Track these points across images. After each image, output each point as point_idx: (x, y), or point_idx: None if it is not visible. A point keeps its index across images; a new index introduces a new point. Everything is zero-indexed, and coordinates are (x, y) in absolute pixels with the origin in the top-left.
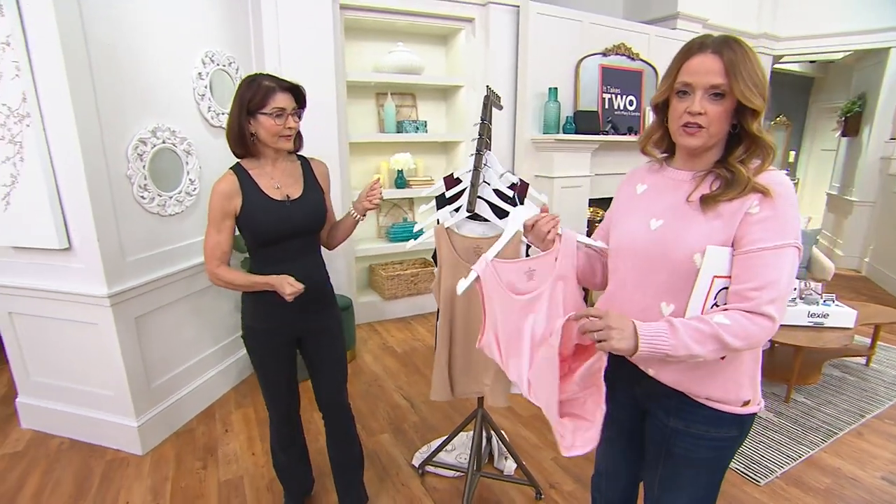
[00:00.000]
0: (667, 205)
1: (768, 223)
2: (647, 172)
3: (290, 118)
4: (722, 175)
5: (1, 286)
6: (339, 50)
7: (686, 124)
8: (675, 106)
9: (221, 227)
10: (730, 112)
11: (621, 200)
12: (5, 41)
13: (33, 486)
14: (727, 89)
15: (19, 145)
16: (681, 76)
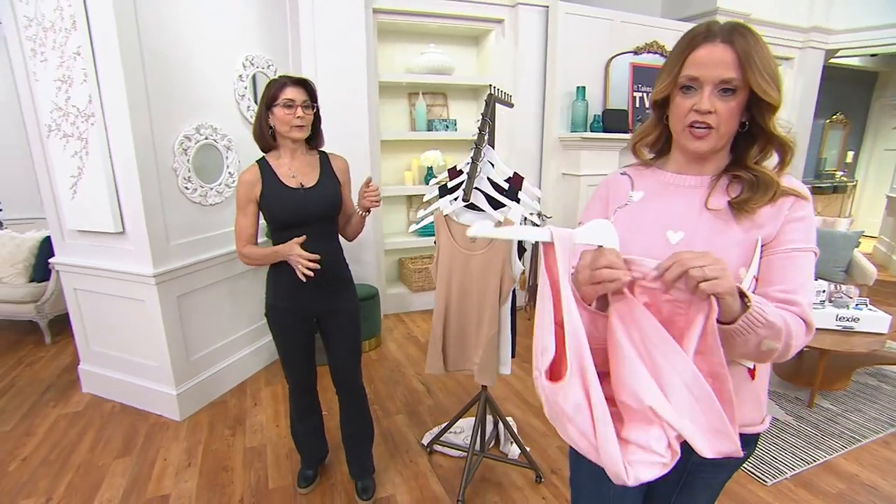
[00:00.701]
0: (680, 214)
1: (801, 224)
2: (637, 177)
3: (300, 109)
4: (745, 179)
5: (68, 265)
6: (371, 52)
7: (693, 125)
8: (678, 103)
9: (246, 212)
10: (741, 109)
11: (612, 213)
12: (76, 51)
13: (89, 441)
14: (740, 83)
15: (85, 141)
16: (686, 69)
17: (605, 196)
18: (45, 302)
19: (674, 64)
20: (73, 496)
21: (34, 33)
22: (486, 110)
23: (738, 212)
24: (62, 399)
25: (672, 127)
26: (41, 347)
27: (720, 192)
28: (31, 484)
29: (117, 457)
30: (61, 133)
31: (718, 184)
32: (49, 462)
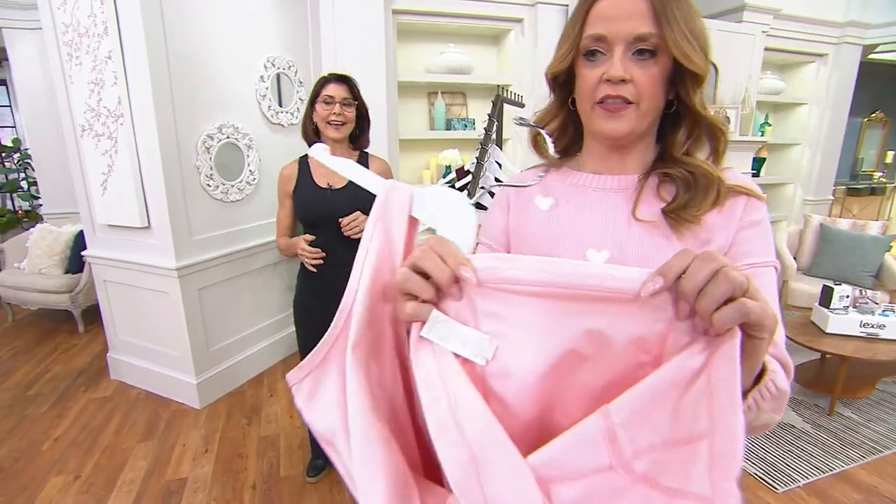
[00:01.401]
0: (602, 227)
1: (757, 230)
2: (546, 180)
3: (339, 106)
4: (677, 176)
5: (99, 257)
6: (391, 52)
7: (604, 100)
8: (584, 75)
9: (284, 205)
10: (665, 79)
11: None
12: (108, 55)
13: (115, 424)
14: (659, 42)
15: (115, 140)
16: (588, 27)
17: (505, 203)
18: (79, 292)
19: (573, 24)
20: (99, 475)
21: (70, 39)
22: (493, 111)
23: (677, 221)
24: (92, 385)
25: (580, 109)
26: (74, 336)
27: (650, 197)
28: (61, 462)
29: (140, 440)
30: (93, 133)
31: (646, 185)
32: (78, 443)
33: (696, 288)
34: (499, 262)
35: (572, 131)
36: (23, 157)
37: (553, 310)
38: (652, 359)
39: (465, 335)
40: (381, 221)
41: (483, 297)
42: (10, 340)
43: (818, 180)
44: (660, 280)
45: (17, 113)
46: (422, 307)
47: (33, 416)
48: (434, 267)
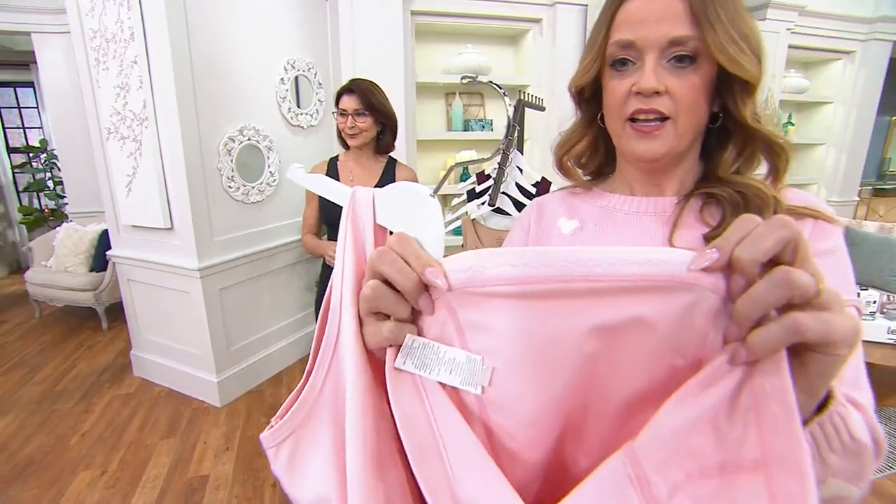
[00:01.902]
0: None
1: (830, 261)
2: (572, 201)
3: (351, 118)
4: (724, 198)
5: (124, 257)
6: (409, 53)
7: (635, 116)
8: (611, 88)
9: (310, 203)
10: (709, 88)
11: (534, 246)
12: (134, 60)
13: (138, 421)
14: (699, 46)
15: (139, 143)
16: (615, 32)
17: (527, 223)
18: (103, 290)
19: (598, 29)
20: (124, 471)
21: (98, 44)
22: (515, 116)
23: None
24: (116, 381)
25: (609, 128)
26: (98, 332)
27: (691, 221)
28: (88, 457)
29: (163, 437)
30: (119, 135)
31: (687, 208)
32: (104, 438)
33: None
34: (479, 259)
35: (603, 151)
36: (49, 158)
37: (558, 312)
38: (688, 363)
39: (453, 359)
40: (352, 238)
41: (466, 306)
42: (38, 336)
43: (843, 181)
44: (714, 253)
45: (43, 114)
46: (400, 328)
47: (61, 411)
48: (395, 271)
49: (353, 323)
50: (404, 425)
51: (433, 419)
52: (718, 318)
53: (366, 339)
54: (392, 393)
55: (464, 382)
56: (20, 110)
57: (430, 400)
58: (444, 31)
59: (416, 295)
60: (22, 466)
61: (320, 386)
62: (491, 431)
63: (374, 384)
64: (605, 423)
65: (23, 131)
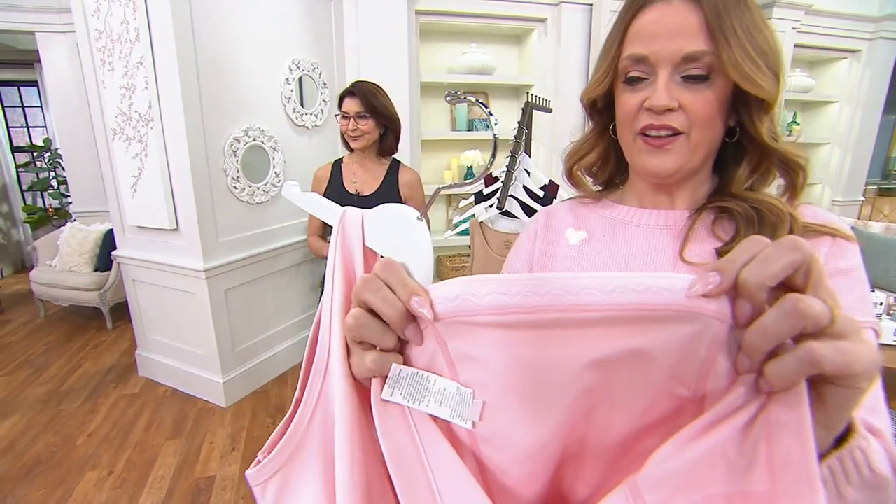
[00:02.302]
0: (640, 269)
1: (848, 280)
2: (581, 211)
3: (353, 121)
4: (738, 212)
5: (129, 258)
6: (413, 53)
7: (646, 131)
8: (623, 101)
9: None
10: (724, 103)
11: (539, 257)
12: (139, 61)
13: (144, 421)
14: (714, 62)
15: (145, 144)
16: (628, 46)
17: (534, 232)
18: (107, 290)
19: (611, 41)
20: (131, 471)
21: (104, 45)
22: (523, 118)
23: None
24: (121, 381)
25: (621, 140)
26: (103, 332)
27: (703, 235)
28: (95, 457)
29: (169, 438)
30: (124, 136)
31: (699, 222)
32: (110, 439)
33: (767, 279)
34: (468, 287)
35: (615, 162)
36: (53, 157)
37: (552, 343)
38: (691, 392)
39: (443, 389)
40: (342, 261)
41: (456, 337)
42: (43, 336)
43: (848, 181)
44: (715, 277)
45: (47, 113)
46: (385, 358)
47: (67, 410)
48: (380, 301)
49: (341, 351)
50: (393, 460)
51: (423, 454)
52: (724, 345)
53: (352, 369)
54: (380, 426)
55: (454, 415)
56: (24, 109)
57: (421, 433)
58: (448, 30)
59: (402, 325)
60: (30, 466)
61: (309, 416)
62: (484, 466)
63: (365, 415)
64: (604, 455)
65: (27, 130)
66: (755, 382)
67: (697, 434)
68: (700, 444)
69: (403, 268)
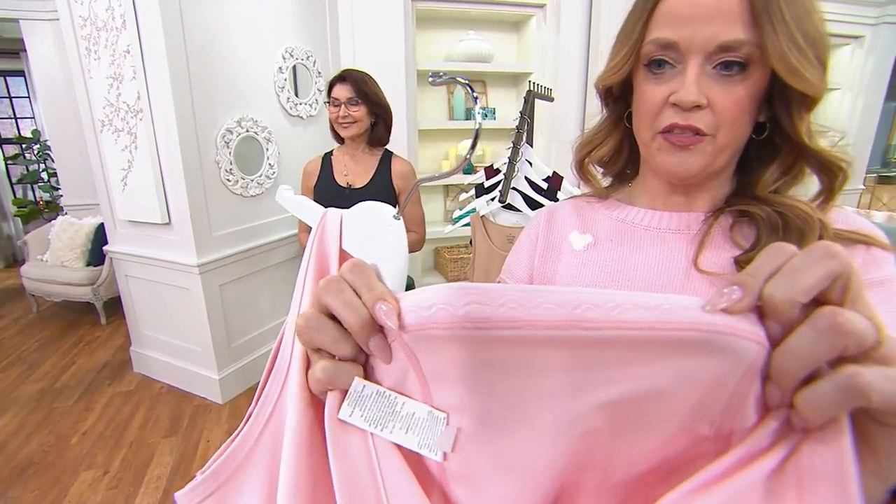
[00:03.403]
0: (650, 277)
1: (883, 292)
2: (586, 212)
3: (344, 107)
4: (760, 216)
5: (121, 253)
6: (410, 40)
7: (671, 129)
8: (644, 93)
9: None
10: (758, 98)
11: (539, 262)
12: (126, 49)
13: (140, 419)
14: (754, 52)
15: (134, 136)
16: (654, 28)
17: (535, 234)
18: (100, 285)
19: (634, 21)
20: (126, 470)
21: (88, 33)
22: (525, 107)
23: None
24: (116, 378)
25: (638, 135)
26: (97, 328)
27: (720, 241)
28: (90, 457)
29: (165, 436)
30: (113, 128)
31: (716, 226)
32: (105, 437)
33: (799, 294)
34: (447, 294)
35: (627, 153)
36: (42, 149)
37: (544, 363)
38: (714, 433)
39: (412, 414)
40: (316, 264)
41: (431, 352)
42: (36, 332)
43: None
44: (737, 292)
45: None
46: (340, 369)
47: (61, 409)
48: (341, 304)
49: (301, 361)
50: (344, 487)
51: (381, 483)
52: (759, 374)
53: (309, 382)
54: (331, 446)
55: (422, 445)
56: (11, 100)
57: (381, 459)
58: (445, 17)
59: (365, 335)
60: (23, 466)
61: (259, 431)
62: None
63: (321, 437)
64: (600, 501)
65: (14, 122)
66: (787, 418)
67: (715, 479)
68: (716, 491)
69: (374, 270)
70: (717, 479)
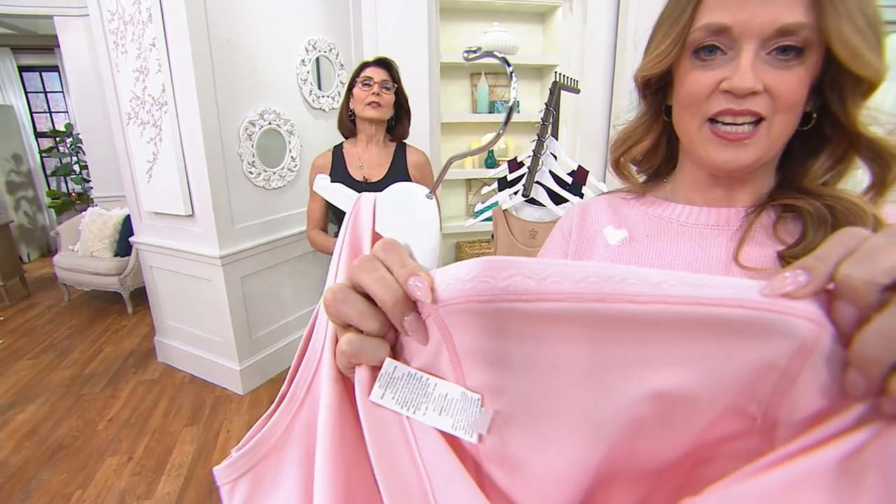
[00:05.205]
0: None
1: None
2: (621, 207)
3: (377, 86)
4: (806, 211)
5: (146, 244)
6: (433, 32)
7: (719, 118)
8: (690, 80)
9: (315, 196)
10: (810, 86)
11: (573, 258)
12: (152, 43)
13: (163, 407)
14: (812, 37)
15: (159, 128)
16: (705, 13)
17: (568, 230)
18: (127, 275)
19: (680, 7)
20: (149, 458)
21: (116, 27)
22: (550, 99)
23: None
24: (141, 366)
25: (680, 125)
26: (124, 317)
27: (762, 237)
28: (115, 443)
29: (187, 425)
30: (139, 120)
31: (758, 221)
32: (130, 424)
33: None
34: (487, 267)
35: (665, 149)
36: (75, 142)
37: (585, 341)
38: (761, 415)
39: (444, 395)
40: (349, 247)
41: (466, 328)
42: (67, 320)
43: None
44: (802, 275)
45: (68, 98)
46: (365, 343)
47: (89, 395)
48: (374, 282)
49: (332, 343)
50: (381, 463)
51: (419, 458)
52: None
53: (336, 358)
54: (369, 432)
55: (457, 426)
56: (46, 94)
57: (419, 442)
58: (469, 8)
59: (399, 312)
60: (53, 450)
61: (294, 412)
62: (488, 491)
63: (355, 416)
64: (643, 482)
65: (49, 116)
66: (872, 405)
67: (781, 460)
68: (783, 469)
69: (406, 248)
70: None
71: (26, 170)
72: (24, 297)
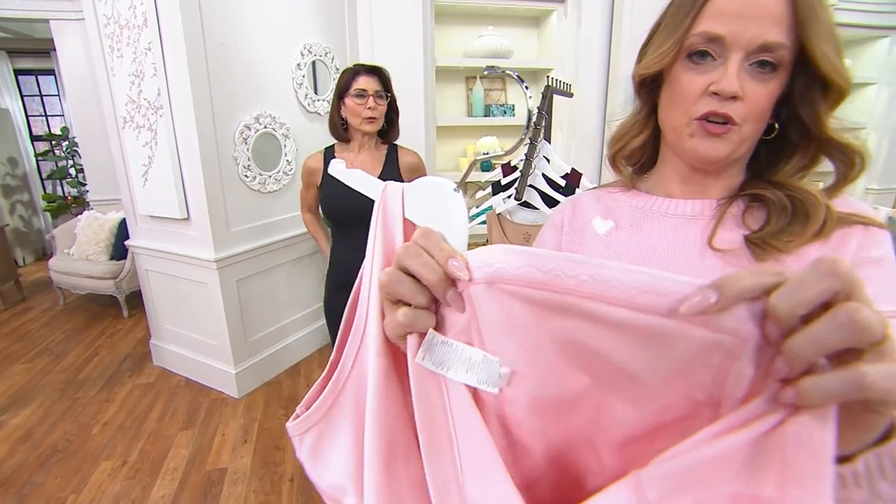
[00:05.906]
0: (668, 257)
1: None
2: (608, 200)
3: (372, 99)
4: (771, 200)
5: (141, 247)
6: (428, 36)
7: (707, 117)
8: (683, 82)
9: (309, 189)
10: (776, 99)
11: (566, 247)
12: (147, 47)
13: (158, 411)
14: (787, 55)
15: (154, 132)
16: (703, 21)
17: (560, 223)
18: (123, 279)
19: (682, 14)
20: (144, 461)
21: (112, 31)
22: (543, 103)
23: (763, 250)
24: (136, 370)
25: (667, 121)
26: (119, 320)
27: (732, 224)
28: (110, 447)
29: (182, 428)
30: (134, 124)
31: (729, 211)
32: (125, 428)
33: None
34: (506, 255)
35: (651, 146)
36: (70, 145)
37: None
38: (707, 399)
39: (469, 357)
40: (382, 233)
41: (487, 304)
42: (62, 323)
43: (884, 167)
44: (712, 295)
45: (64, 101)
46: (418, 315)
47: (84, 399)
48: (420, 265)
49: (378, 317)
50: (422, 420)
51: (451, 417)
52: (744, 356)
53: (385, 330)
54: (415, 386)
55: (481, 381)
56: (42, 98)
57: (451, 397)
58: (464, 12)
59: (443, 289)
60: (47, 454)
61: (344, 380)
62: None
63: (397, 378)
64: (616, 446)
65: (45, 119)
66: (779, 392)
67: (709, 437)
68: (710, 446)
69: (441, 235)
70: (712, 436)
71: (22, 173)
72: (19, 300)
